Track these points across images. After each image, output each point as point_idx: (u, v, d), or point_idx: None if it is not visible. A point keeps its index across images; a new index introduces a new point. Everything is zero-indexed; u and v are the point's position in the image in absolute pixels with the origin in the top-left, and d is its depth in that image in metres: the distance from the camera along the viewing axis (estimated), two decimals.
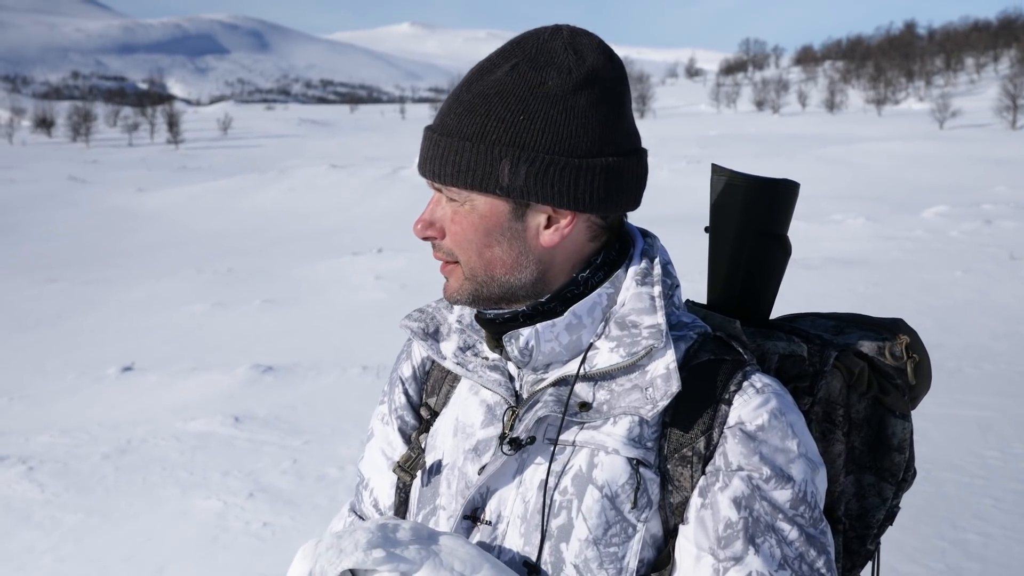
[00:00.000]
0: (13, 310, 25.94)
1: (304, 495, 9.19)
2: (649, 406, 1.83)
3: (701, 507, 1.83)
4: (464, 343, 2.07)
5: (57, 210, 58.63)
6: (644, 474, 1.84)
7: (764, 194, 2.20)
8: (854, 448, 2.15)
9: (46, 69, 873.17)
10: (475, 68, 1.91)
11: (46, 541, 8.64)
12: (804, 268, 18.93)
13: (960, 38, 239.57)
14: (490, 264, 1.92)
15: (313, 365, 14.97)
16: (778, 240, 2.22)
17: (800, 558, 1.79)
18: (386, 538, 1.77)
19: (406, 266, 26.05)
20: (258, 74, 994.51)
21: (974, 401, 10.59)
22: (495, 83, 1.86)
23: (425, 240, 1.95)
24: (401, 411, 2.23)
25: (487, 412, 2.01)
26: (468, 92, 1.88)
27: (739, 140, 79.22)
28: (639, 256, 2.00)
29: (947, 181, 45.30)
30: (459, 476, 2.00)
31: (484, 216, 1.89)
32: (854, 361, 2.10)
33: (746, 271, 2.21)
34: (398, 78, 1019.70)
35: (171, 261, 35.01)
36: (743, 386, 1.86)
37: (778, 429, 1.83)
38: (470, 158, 1.85)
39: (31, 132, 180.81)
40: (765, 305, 2.24)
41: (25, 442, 11.63)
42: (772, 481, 1.80)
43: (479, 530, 1.94)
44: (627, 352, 1.87)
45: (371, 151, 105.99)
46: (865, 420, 2.15)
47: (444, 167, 1.87)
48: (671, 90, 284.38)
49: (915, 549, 7.00)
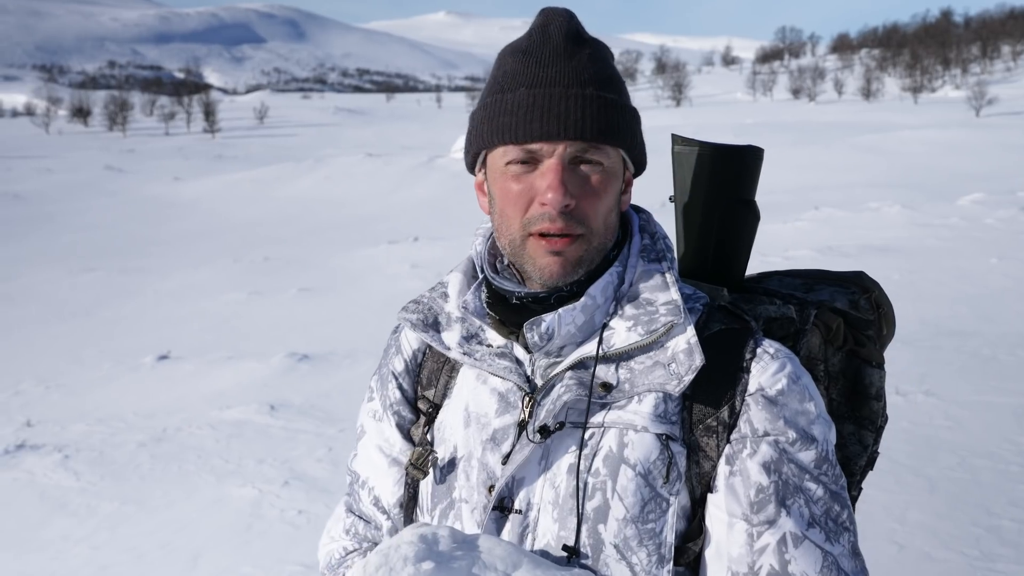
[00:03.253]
0: (50, 299, 26.10)
1: (339, 483, 9.17)
2: (675, 382, 1.86)
3: (730, 475, 1.86)
4: (467, 331, 2.07)
5: (94, 199, 58.93)
6: (673, 448, 1.87)
7: (731, 162, 2.24)
8: (832, 400, 2.21)
9: (83, 59, 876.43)
10: (555, 35, 1.93)
11: (81, 529, 8.69)
12: (840, 256, 18.84)
13: (996, 26, 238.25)
14: (607, 232, 1.96)
15: (348, 353, 14.98)
16: (747, 205, 2.25)
17: (827, 514, 1.84)
18: (431, 550, 1.77)
19: (442, 254, 26.05)
20: (294, 63, 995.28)
21: (1011, 388, 10.51)
22: (590, 45, 1.94)
23: (562, 212, 1.88)
24: (397, 406, 2.22)
25: (500, 400, 2.00)
26: (578, 54, 1.91)
27: (775, 128, 78.81)
28: (639, 231, 2.04)
29: (983, 169, 44.98)
30: (479, 467, 1.99)
31: (615, 176, 1.94)
32: (831, 317, 2.17)
33: (717, 238, 2.25)
34: (434, 67, 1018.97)
35: (207, 250, 35.16)
36: (757, 353, 1.90)
37: (796, 392, 1.88)
38: (627, 117, 1.92)
39: (68, 122, 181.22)
40: (738, 270, 2.28)
41: (61, 431, 11.70)
42: (797, 443, 1.85)
43: (510, 520, 1.93)
44: (646, 330, 1.89)
45: (407, 140, 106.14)
46: (841, 372, 2.21)
47: (607, 124, 1.88)
48: (707, 78, 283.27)
49: (950, 536, 6.97)
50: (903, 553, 6.73)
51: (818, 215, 26.81)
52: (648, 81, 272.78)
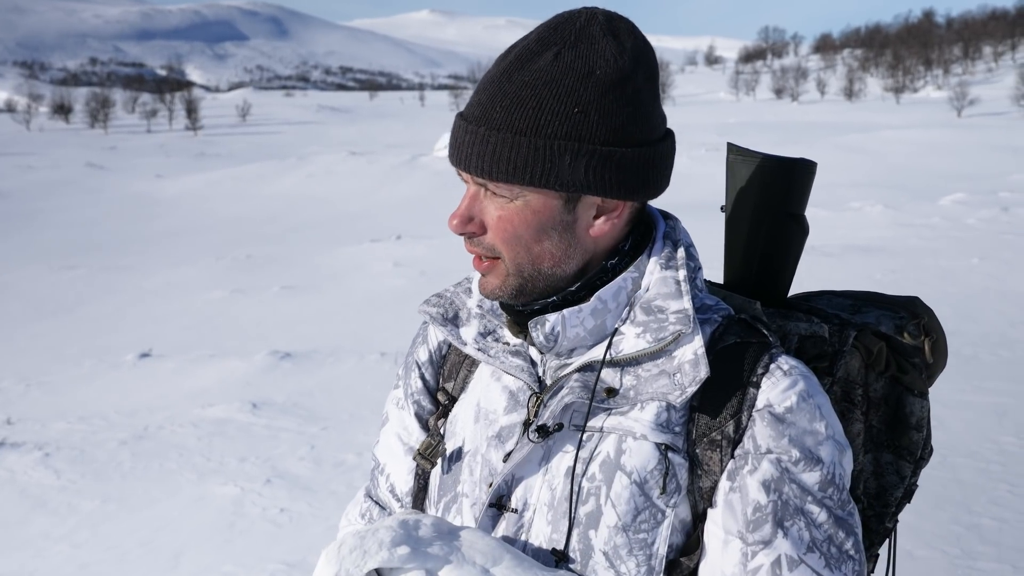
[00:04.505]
0: (31, 297, 26.05)
1: (321, 481, 9.20)
2: (677, 392, 1.82)
3: (730, 491, 1.82)
4: (484, 328, 2.05)
5: (75, 197, 58.79)
6: (673, 459, 1.84)
7: (782, 174, 2.20)
8: (872, 427, 2.15)
9: (64, 55, 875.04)
10: (511, 56, 1.84)
11: (62, 527, 8.67)
12: (823, 255, 18.90)
13: (978, 26, 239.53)
14: (538, 258, 1.89)
15: (331, 352, 14.98)
16: (795, 220, 2.21)
17: (829, 540, 1.78)
18: (409, 535, 1.77)
19: (425, 253, 26.05)
20: (277, 61, 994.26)
21: (991, 387, 10.56)
22: (541, 72, 1.80)
23: (462, 235, 1.91)
24: (417, 396, 2.21)
25: (510, 398, 2.00)
26: (511, 83, 1.81)
27: (758, 128, 79.08)
28: (662, 239, 1.99)
29: (965, 169, 45.21)
30: (482, 463, 1.99)
31: (537, 211, 1.85)
32: (872, 340, 2.10)
33: (763, 251, 2.21)
34: (417, 65, 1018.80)
35: (190, 248, 35.11)
36: (770, 368, 1.85)
37: (806, 411, 1.82)
38: (527, 153, 1.79)
39: (49, 118, 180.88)
40: (783, 285, 2.23)
41: (42, 428, 11.68)
42: (801, 463, 1.79)
43: (505, 518, 1.93)
44: (654, 338, 1.86)
45: (390, 138, 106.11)
46: (883, 399, 2.15)
47: (496, 163, 1.80)
48: (690, 78, 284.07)
49: (931, 534, 6.99)
50: (884, 551, 6.75)
51: None
52: None
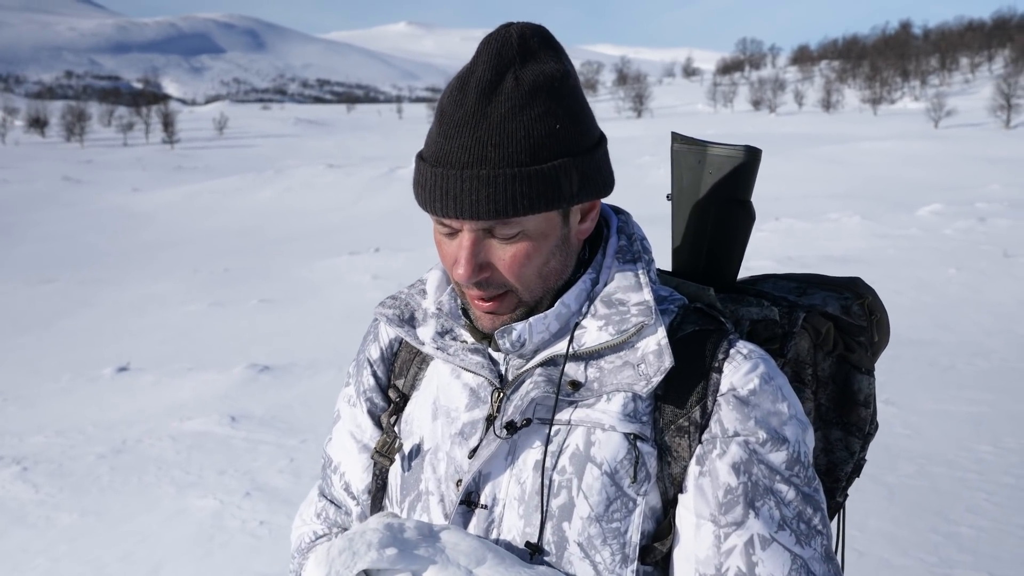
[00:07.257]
0: (8, 311, 25.94)
1: (301, 494, 9.15)
2: (643, 382, 1.85)
3: (700, 475, 1.84)
4: (442, 327, 2.07)
5: (52, 210, 58.69)
6: (642, 448, 1.85)
7: (728, 162, 2.23)
8: (820, 405, 2.21)
9: (39, 68, 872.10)
10: (472, 92, 1.81)
11: (40, 541, 8.63)
12: (801, 266, 18.95)
13: (955, 38, 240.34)
14: (548, 279, 1.91)
15: (310, 364, 14.97)
16: (742, 206, 2.24)
17: (798, 517, 1.81)
18: (395, 537, 1.79)
19: (403, 265, 26.03)
20: (254, 73, 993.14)
21: (968, 397, 10.61)
22: (511, 100, 1.79)
23: (478, 282, 1.87)
24: (370, 393, 2.23)
25: (471, 395, 2.00)
26: (488, 118, 1.78)
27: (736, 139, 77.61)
28: (616, 233, 2.03)
29: (942, 180, 45.38)
30: (446, 460, 2.00)
31: (545, 235, 1.86)
32: (821, 321, 2.17)
33: (712, 238, 2.24)
34: (395, 77, 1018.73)
35: (167, 261, 35.05)
36: (730, 353, 1.88)
37: (769, 393, 1.85)
38: (535, 183, 1.78)
39: (24, 132, 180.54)
40: (731, 271, 2.27)
41: (20, 443, 11.63)
42: (768, 444, 1.82)
43: (476, 515, 1.94)
44: (616, 330, 1.88)
45: (368, 151, 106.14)
46: (830, 377, 2.22)
47: (511, 201, 1.78)
48: (668, 90, 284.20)
49: (908, 542, 7.02)
50: (863, 560, 6.78)
51: (779, 226, 26.95)
52: (609, 92, 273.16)
